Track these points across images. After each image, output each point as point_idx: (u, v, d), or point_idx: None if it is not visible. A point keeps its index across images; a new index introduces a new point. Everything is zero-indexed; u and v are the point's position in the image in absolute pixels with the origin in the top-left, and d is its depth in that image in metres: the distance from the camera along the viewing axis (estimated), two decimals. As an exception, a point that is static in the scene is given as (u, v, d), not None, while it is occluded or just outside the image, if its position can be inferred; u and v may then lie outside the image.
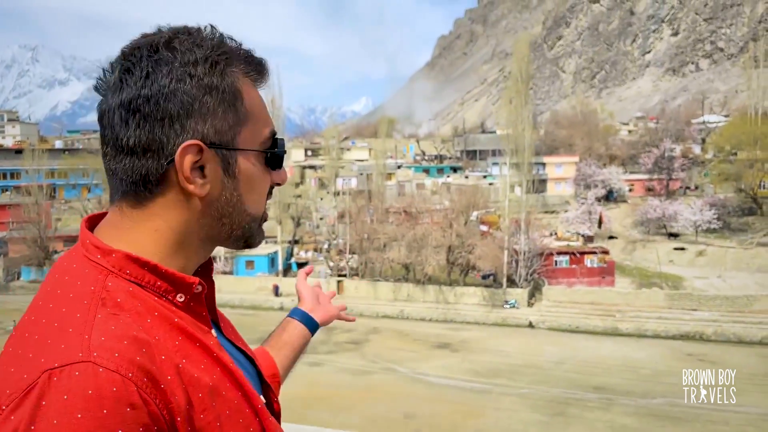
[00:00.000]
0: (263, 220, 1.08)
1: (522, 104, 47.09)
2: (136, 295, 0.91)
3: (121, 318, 0.86)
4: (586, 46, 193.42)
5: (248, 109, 0.98)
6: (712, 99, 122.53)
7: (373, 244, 45.70)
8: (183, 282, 0.96)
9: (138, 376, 0.81)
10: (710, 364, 30.83)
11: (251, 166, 1.00)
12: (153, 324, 0.89)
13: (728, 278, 42.23)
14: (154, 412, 0.81)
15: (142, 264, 0.94)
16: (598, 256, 43.93)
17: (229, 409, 0.93)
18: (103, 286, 0.89)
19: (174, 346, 0.89)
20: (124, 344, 0.82)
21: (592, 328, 37.74)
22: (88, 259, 0.94)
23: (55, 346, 0.81)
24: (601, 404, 26.96)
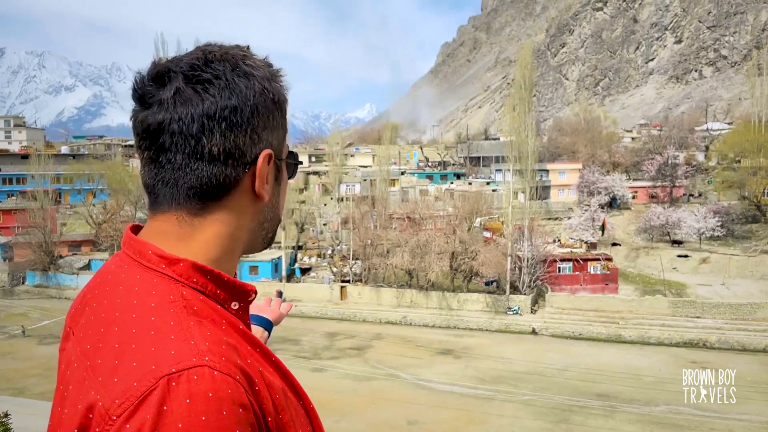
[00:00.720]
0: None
1: (525, 111, 47.21)
2: (207, 303, 0.95)
3: (207, 325, 0.90)
4: (590, 54, 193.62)
5: (285, 127, 1.10)
6: (715, 106, 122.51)
7: (376, 250, 45.76)
8: (242, 290, 1.00)
9: (243, 378, 0.85)
10: (713, 372, 30.79)
11: (286, 174, 1.14)
12: (226, 330, 0.92)
13: (732, 286, 42.15)
14: (257, 413, 0.86)
15: (206, 273, 0.97)
16: (602, 263, 43.90)
17: (295, 410, 0.98)
18: (180, 295, 0.92)
19: (248, 352, 0.93)
20: (223, 349, 0.86)
21: (595, 335, 37.69)
22: (149, 268, 0.96)
23: (164, 353, 0.83)
24: (604, 411, 26.93)
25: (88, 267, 52.55)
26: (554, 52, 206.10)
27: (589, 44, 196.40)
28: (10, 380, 30.00)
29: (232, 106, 0.97)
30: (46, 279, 52.40)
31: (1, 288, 52.50)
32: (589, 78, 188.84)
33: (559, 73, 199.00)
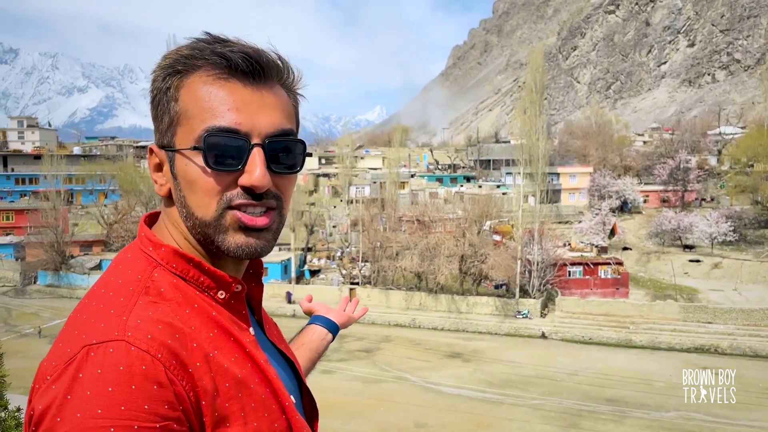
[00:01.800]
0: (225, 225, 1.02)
1: (536, 114, 47.07)
2: (179, 288, 0.99)
3: (161, 306, 0.94)
4: (602, 57, 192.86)
5: (183, 108, 0.99)
6: (728, 110, 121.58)
7: (385, 253, 45.74)
8: (223, 280, 1.03)
9: (167, 357, 0.88)
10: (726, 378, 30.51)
11: (185, 166, 1.00)
12: (191, 315, 0.97)
13: (744, 291, 41.78)
14: (179, 393, 0.87)
15: (188, 260, 1.02)
16: (612, 267, 43.64)
17: (255, 403, 0.97)
18: (149, 275, 0.98)
19: (208, 337, 0.96)
20: (158, 328, 0.90)
21: (605, 339, 37.48)
22: (141, 250, 1.04)
23: (96, 325, 0.89)
24: (614, 417, 26.75)
25: (99, 267, 52.87)
26: (566, 55, 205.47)
27: (600, 47, 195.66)
28: (21, 378, 30.17)
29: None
30: (58, 279, 52.77)
31: (13, 287, 52.92)
32: (600, 81, 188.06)
33: (571, 76, 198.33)
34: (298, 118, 1.13)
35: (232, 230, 1.01)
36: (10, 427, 9.41)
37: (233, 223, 1.00)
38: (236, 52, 0.98)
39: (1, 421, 9.37)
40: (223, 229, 1.01)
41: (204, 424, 0.91)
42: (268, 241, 1.04)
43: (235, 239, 1.01)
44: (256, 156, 0.99)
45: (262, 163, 0.99)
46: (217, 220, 1.00)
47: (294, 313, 42.53)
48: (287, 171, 1.05)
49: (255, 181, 0.98)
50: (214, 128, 0.97)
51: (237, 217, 1.00)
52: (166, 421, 0.84)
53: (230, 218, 1.00)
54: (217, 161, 0.98)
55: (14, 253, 56.43)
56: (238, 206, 1.00)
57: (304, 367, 1.64)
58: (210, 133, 0.97)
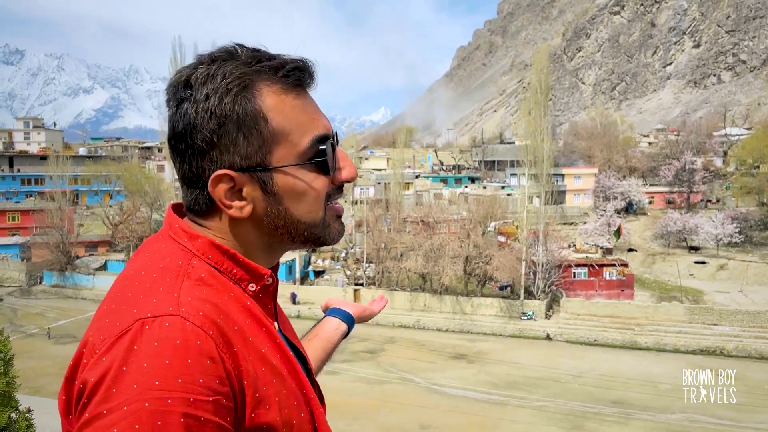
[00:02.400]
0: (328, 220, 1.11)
1: (541, 115, 47.00)
2: (215, 276, 1.02)
3: (204, 288, 0.98)
4: (607, 58, 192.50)
5: (276, 127, 1.01)
6: (734, 111, 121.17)
7: (390, 254, 45.74)
8: (257, 272, 1.07)
9: (217, 335, 0.91)
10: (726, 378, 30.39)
11: (292, 180, 1.04)
12: (229, 302, 1.00)
13: (750, 293, 41.62)
14: (228, 369, 0.90)
15: (223, 251, 1.05)
16: (617, 268, 43.53)
17: (287, 390, 1.01)
18: (189, 262, 1.01)
19: (245, 324, 0.99)
20: (207, 307, 0.94)
21: (610, 341, 37.39)
22: (174, 240, 1.05)
23: (148, 301, 0.92)
24: (619, 418, 26.68)
25: (104, 268, 53.03)
26: (570, 56, 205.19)
27: (605, 48, 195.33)
28: (27, 379, 30.24)
29: (179, 134, 1.02)
30: (63, 279, 52.95)
31: (19, 288, 53.12)
32: (605, 82, 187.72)
33: (576, 77, 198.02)
34: None
35: (332, 222, 1.11)
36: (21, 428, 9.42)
37: (332, 216, 1.11)
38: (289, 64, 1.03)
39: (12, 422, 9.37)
40: (326, 224, 1.10)
41: (246, 403, 0.93)
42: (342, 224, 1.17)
43: (336, 227, 1.12)
44: (340, 151, 1.09)
45: (349, 158, 1.10)
46: (324, 219, 1.09)
47: (299, 313, 42.58)
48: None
49: (354, 174, 1.09)
50: (320, 137, 1.04)
51: (334, 210, 1.11)
52: (217, 396, 0.87)
53: (330, 213, 1.10)
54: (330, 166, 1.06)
55: (20, 254, 56.65)
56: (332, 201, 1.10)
57: (318, 357, 1.69)
58: (320, 142, 1.04)
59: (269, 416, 0.96)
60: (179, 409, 0.83)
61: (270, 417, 0.96)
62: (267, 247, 1.11)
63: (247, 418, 0.93)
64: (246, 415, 0.93)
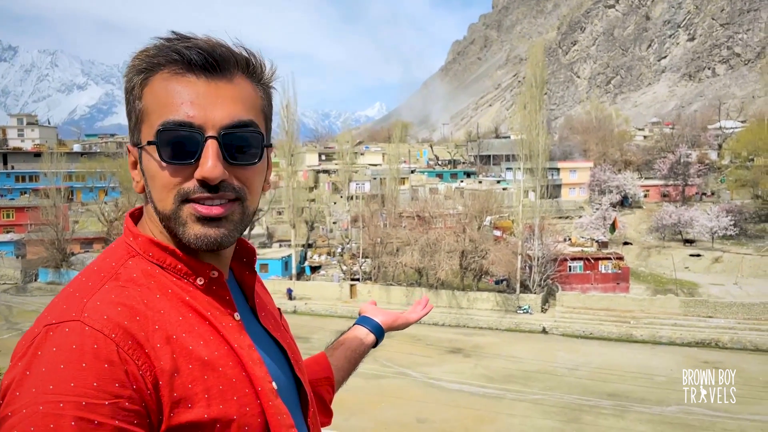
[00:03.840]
0: (184, 218, 1.03)
1: (536, 109, 46.97)
2: (152, 274, 1.03)
3: (128, 290, 0.99)
4: (602, 51, 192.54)
5: (145, 106, 1.02)
6: (728, 104, 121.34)
7: (386, 249, 45.75)
8: (198, 267, 1.07)
9: (121, 337, 0.91)
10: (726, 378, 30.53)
11: (147, 161, 1.04)
12: (161, 299, 1.01)
13: (745, 285, 41.79)
14: (132, 372, 0.90)
15: (163, 248, 1.06)
16: (613, 262, 43.65)
17: (223, 385, 0.99)
18: (123, 263, 1.03)
19: (177, 321, 0.99)
20: (117, 310, 0.94)
21: (606, 334, 37.50)
22: (124, 241, 1.09)
23: (60, 306, 0.95)
24: (615, 411, 26.78)
25: (99, 264, 52.88)
26: (566, 49, 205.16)
27: (600, 42, 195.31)
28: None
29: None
30: (59, 276, 52.79)
31: (14, 285, 52.96)
32: (600, 76, 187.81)
33: (571, 71, 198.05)
34: (267, 110, 1.13)
35: (190, 222, 1.03)
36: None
37: (190, 215, 1.02)
38: (192, 48, 1.00)
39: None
40: (181, 222, 1.03)
41: (162, 403, 0.92)
42: (229, 231, 1.05)
43: (194, 230, 1.03)
44: (209, 148, 1.00)
45: (214, 154, 0.99)
46: (175, 213, 1.02)
47: (295, 309, 42.61)
48: (246, 162, 1.05)
49: (206, 173, 0.99)
50: (167, 122, 0.99)
51: (193, 208, 1.02)
52: (116, 399, 0.87)
53: (187, 210, 1.02)
54: (172, 155, 1.00)
55: (15, 251, 56.45)
56: (195, 200, 1.02)
57: (341, 366, 1.70)
58: (164, 128, 0.99)
59: (192, 414, 0.94)
60: (71, 412, 0.83)
61: (193, 415, 0.94)
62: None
63: (165, 418, 0.93)
64: (164, 415, 0.93)
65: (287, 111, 51.45)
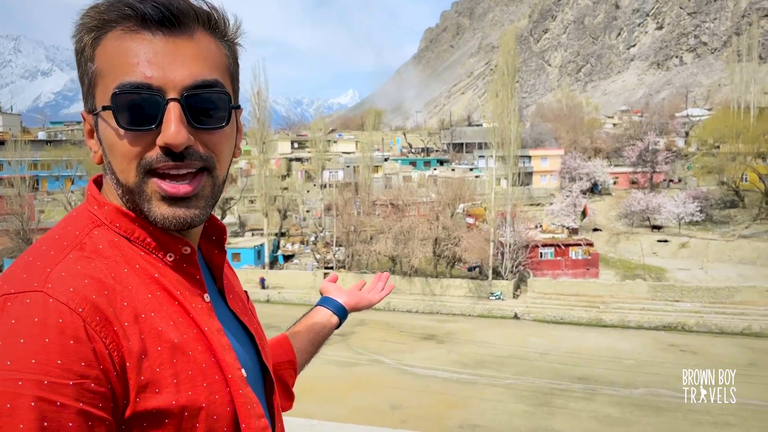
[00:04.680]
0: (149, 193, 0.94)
1: (508, 97, 47.24)
2: (119, 247, 0.94)
3: (94, 262, 0.89)
4: (572, 40, 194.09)
5: (98, 68, 0.92)
6: (695, 93, 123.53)
7: (359, 237, 45.76)
8: (169, 241, 0.98)
9: (89, 312, 0.82)
10: (692, 355, 31.38)
11: (104, 129, 0.94)
12: (130, 274, 0.92)
13: (710, 270, 42.78)
14: (100, 350, 0.82)
15: (133, 219, 0.96)
16: (583, 248, 44.31)
17: (193, 371, 0.91)
18: (87, 232, 0.94)
19: (145, 299, 0.91)
20: (84, 282, 0.85)
21: (576, 319, 38.11)
22: (87, 210, 0.99)
23: (19, 275, 0.85)
24: (585, 394, 27.30)
25: (67, 255, 51.93)
26: (537, 38, 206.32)
27: (571, 30, 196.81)
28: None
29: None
30: (25, 267, 51.71)
31: (-21, 276, 51.79)
32: (571, 64, 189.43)
33: (542, 59, 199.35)
34: (233, 69, 1.03)
35: (155, 200, 0.94)
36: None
37: (155, 192, 0.93)
38: (146, 2, 0.90)
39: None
40: (146, 198, 0.94)
41: (128, 386, 0.85)
42: (200, 209, 0.96)
43: (160, 210, 0.94)
44: (170, 111, 0.90)
45: (177, 118, 0.90)
46: (140, 187, 0.93)
47: (268, 298, 42.43)
48: (212, 126, 0.95)
49: (169, 138, 0.89)
50: (123, 85, 0.89)
51: (158, 186, 0.93)
52: (81, 379, 0.79)
53: (152, 187, 0.93)
54: (130, 121, 0.90)
55: (-21, 242, 55.12)
56: (159, 170, 0.92)
57: (304, 349, 1.64)
58: (120, 91, 0.89)
59: (159, 400, 0.87)
60: (30, 392, 0.75)
61: (161, 401, 0.87)
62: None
63: (131, 402, 0.85)
64: (130, 399, 0.85)
65: (258, 98, 50.95)
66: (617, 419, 24.34)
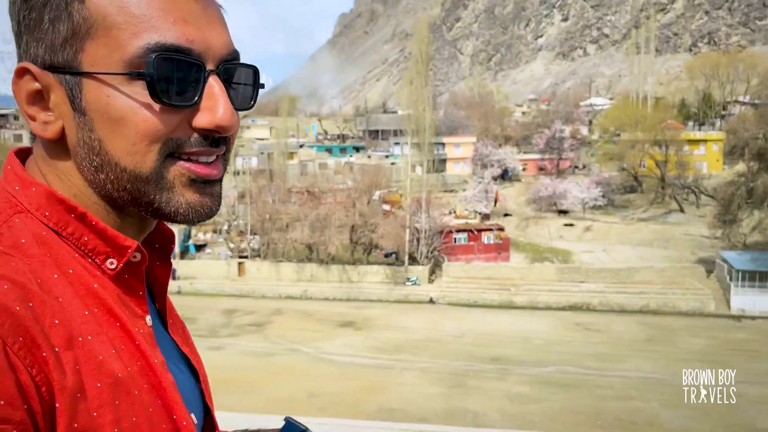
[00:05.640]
0: (171, 180, 0.73)
1: (422, 85, 47.75)
2: (47, 243, 0.70)
3: (16, 261, 0.64)
4: (483, 29, 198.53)
5: (94, 14, 0.68)
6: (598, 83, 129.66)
7: (275, 225, 45.05)
8: (115, 242, 0.74)
9: (11, 331, 0.58)
10: (596, 333, 33.06)
11: (107, 97, 0.69)
12: (60, 281, 0.67)
13: (612, 252, 45.15)
14: (26, 384, 0.58)
15: (69, 208, 0.72)
16: (495, 233, 45.63)
17: (137, 416, 0.68)
18: (5, 220, 0.69)
19: (82, 316, 0.67)
20: (3, 288, 0.60)
21: (489, 302, 39.24)
22: (4, 189, 0.74)
23: None
24: (498, 374, 28.19)
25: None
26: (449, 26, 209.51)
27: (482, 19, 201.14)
28: None
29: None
30: None
31: None
32: (482, 53, 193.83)
33: (455, 47, 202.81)
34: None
35: (180, 185, 0.73)
36: None
37: (179, 175, 0.72)
38: None
39: None
40: (167, 185, 0.72)
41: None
42: (219, 198, 0.78)
43: (186, 197, 0.73)
44: (214, 86, 0.71)
45: (224, 96, 0.72)
46: (158, 173, 0.71)
47: (179, 289, 41.03)
48: (243, 107, 0.78)
49: (222, 121, 0.71)
50: (161, 46, 0.68)
51: (187, 168, 0.72)
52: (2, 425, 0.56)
53: (176, 170, 0.72)
54: (165, 93, 0.69)
55: None
56: (188, 155, 0.73)
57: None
58: (160, 54, 0.67)
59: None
60: None
61: None
62: (112, 206, 0.75)
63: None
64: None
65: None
66: (528, 397, 25.30)
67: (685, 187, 51.56)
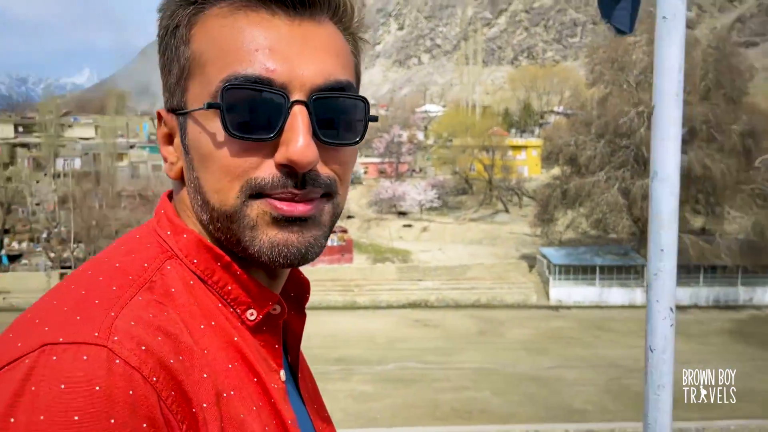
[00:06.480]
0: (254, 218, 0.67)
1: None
2: (194, 292, 0.67)
3: (168, 311, 0.62)
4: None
5: (196, 53, 0.67)
6: (432, 90, 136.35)
7: (103, 232, 41.77)
8: (258, 294, 0.71)
9: (165, 384, 0.56)
10: (434, 328, 34.62)
11: (198, 134, 0.67)
12: (206, 333, 0.64)
13: (447, 250, 47.54)
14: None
15: (216, 256, 0.70)
16: (338, 235, 46.10)
17: None
18: (158, 267, 0.67)
19: (226, 370, 0.64)
20: (158, 340, 0.58)
21: (333, 303, 39.52)
22: (156, 233, 0.73)
23: (69, 316, 0.56)
24: (342, 375, 28.45)
25: None
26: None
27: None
28: None
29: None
30: None
31: None
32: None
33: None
34: (359, 71, 0.78)
35: (263, 224, 0.67)
36: None
37: (262, 213, 0.67)
38: None
39: None
40: (250, 224, 0.67)
41: None
42: (316, 238, 0.70)
43: (269, 235, 0.67)
44: (296, 117, 0.65)
45: (306, 128, 0.65)
46: (240, 211, 0.67)
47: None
48: (344, 142, 0.70)
49: (294, 155, 0.64)
50: (235, 77, 0.64)
51: (269, 205, 0.67)
52: None
53: (258, 207, 0.67)
54: (242, 125, 0.65)
55: None
56: (272, 196, 0.67)
57: None
58: (232, 84, 0.64)
59: None
60: None
61: None
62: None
63: None
64: None
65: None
66: (371, 395, 25.84)
67: (509, 189, 55.86)
